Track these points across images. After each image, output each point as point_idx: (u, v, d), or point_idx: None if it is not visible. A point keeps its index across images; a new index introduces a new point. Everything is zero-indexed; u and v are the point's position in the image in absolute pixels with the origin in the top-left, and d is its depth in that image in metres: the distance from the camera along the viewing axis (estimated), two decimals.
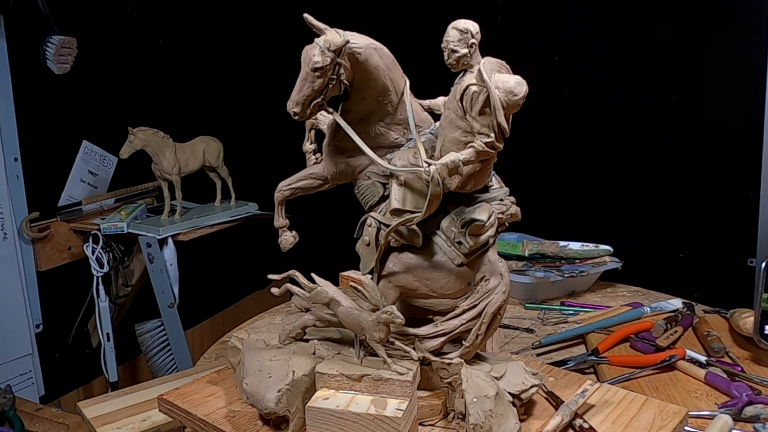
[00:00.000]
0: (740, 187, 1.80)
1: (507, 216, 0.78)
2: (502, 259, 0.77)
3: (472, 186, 0.75)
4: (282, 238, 0.92)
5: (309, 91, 0.73)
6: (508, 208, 0.78)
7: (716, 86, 1.85)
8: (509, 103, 0.69)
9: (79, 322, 2.03)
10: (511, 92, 0.69)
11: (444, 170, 0.70)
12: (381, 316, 0.73)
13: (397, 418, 0.70)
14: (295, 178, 0.88)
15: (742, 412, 0.87)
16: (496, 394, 0.72)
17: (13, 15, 1.75)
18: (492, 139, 0.70)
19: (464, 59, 0.72)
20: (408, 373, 0.74)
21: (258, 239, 2.62)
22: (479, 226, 0.74)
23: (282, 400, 0.75)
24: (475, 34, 0.73)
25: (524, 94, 0.70)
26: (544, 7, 2.14)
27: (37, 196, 1.87)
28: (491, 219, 0.75)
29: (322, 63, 0.71)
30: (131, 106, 2.10)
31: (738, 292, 1.78)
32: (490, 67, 0.71)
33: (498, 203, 0.77)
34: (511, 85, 0.69)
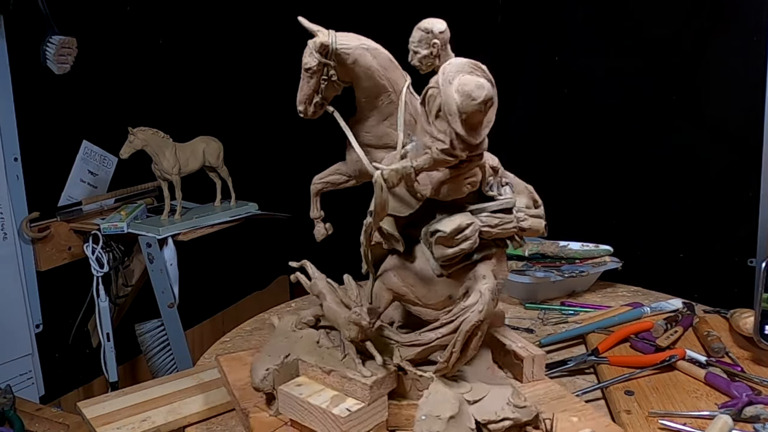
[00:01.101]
0: (740, 187, 1.80)
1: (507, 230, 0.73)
2: (490, 278, 0.72)
3: (447, 193, 0.72)
4: (316, 228, 0.93)
5: (307, 90, 0.75)
6: (508, 222, 0.73)
7: (716, 86, 1.85)
8: (467, 107, 0.63)
9: (79, 322, 2.03)
10: (469, 96, 0.63)
11: (394, 176, 0.67)
12: (351, 316, 0.74)
13: (342, 417, 0.71)
14: (326, 173, 0.91)
15: (742, 412, 0.87)
16: (450, 417, 0.69)
17: (13, 15, 1.75)
18: (447, 146, 0.65)
19: (427, 60, 0.70)
20: (370, 378, 0.73)
21: (258, 239, 2.63)
22: (444, 237, 0.70)
23: (268, 379, 0.80)
24: (438, 34, 0.70)
25: (484, 98, 0.63)
26: (544, 7, 2.14)
27: (37, 196, 1.87)
28: (466, 231, 0.70)
29: (309, 64, 0.73)
30: (131, 106, 2.10)
31: (738, 292, 1.78)
32: (456, 68, 0.65)
33: (488, 215, 0.73)
34: (469, 88, 0.63)
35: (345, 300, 0.81)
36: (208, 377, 1.02)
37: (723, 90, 1.84)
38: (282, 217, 2.17)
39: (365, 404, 0.73)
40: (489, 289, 0.71)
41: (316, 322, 0.87)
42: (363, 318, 0.72)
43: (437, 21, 0.71)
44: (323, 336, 0.84)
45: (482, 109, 0.64)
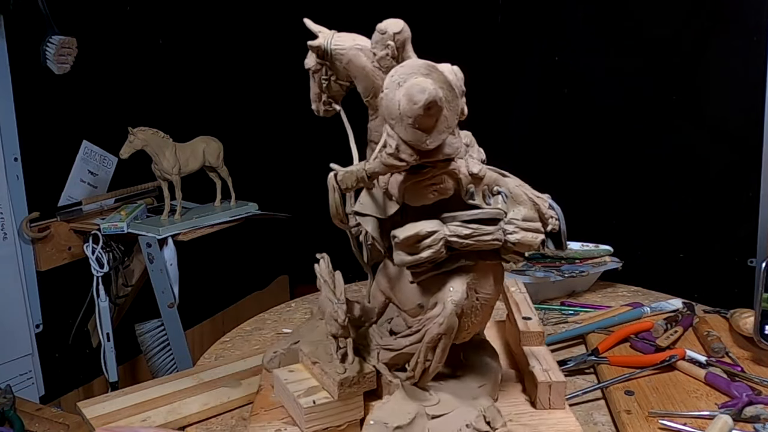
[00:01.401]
0: (740, 187, 1.80)
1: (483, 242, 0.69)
2: (458, 291, 0.69)
3: (411, 199, 0.69)
4: None
5: (315, 89, 0.77)
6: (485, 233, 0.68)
7: (716, 86, 1.86)
8: (409, 111, 0.60)
9: (79, 322, 2.03)
10: (411, 100, 0.60)
11: (349, 178, 0.67)
12: (330, 312, 0.75)
13: (304, 408, 0.73)
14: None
15: (742, 412, 0.87)
16: (396, 427, 0.68)
17: (13, 15, 1.75)
18: (393, 150, 0.63)
19: (384, 61, 0.68)
20: (341, 375, 0.74)
21: (258, 239, 2.63)
22: (400, 243, 0.67)
23: (273, 360, 0.84)
24: (393, 35, 0.68)
25: (424, 102, 0.60)
26: (544, 7, 2.14)
27: (37, 196, 1.87)
28: (427, 240, 0.67)
29: (308, 65, 0.75)
30: (131, 106, 2.10)
31: (738, 292, 1.78)
32: (408, 70, 0.62)
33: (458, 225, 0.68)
34: (411, 92, 0.60)
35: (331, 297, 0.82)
36: (208, 377, 1.02)
37: (723, 90, 1.84)
38: (282, 217, 2.17)
39: (333, 399, 0.74)
40: (453, 302, 0.68)
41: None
42: (338, 316, 0.74)
43: (394, 21, 0.69)
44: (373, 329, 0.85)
45: (425, 113, 0.60)
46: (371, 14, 0.71)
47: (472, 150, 0.77)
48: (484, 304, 0.73)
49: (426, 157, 0.64)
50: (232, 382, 1.00)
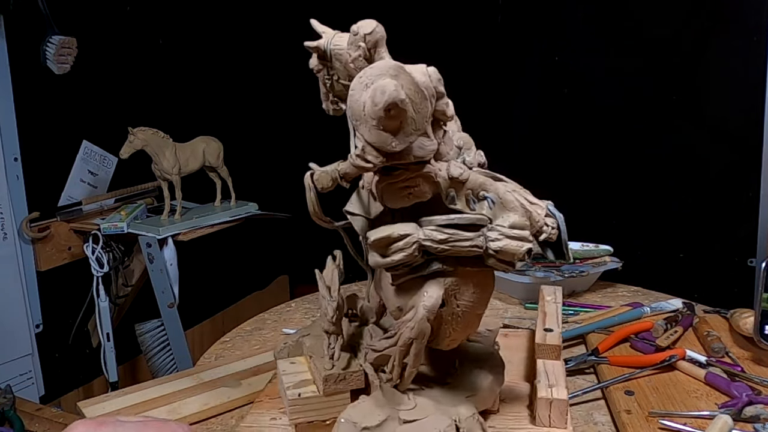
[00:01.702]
0: (740, 187, 1.80)
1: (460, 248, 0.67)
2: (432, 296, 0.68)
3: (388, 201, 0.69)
4: None
5: (322, 89, 0.77)
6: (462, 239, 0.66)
7: (716, 86, 1.86)
8: (372, 113, 0.60)
9: (79, 322, 2.03)
10: (372, 101, 0.59)
11: (324, 178, 0.67)
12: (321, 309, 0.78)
13: (289, 399, 0.77)
14: None
15: (742, 412, 0.87)
16: (364, 428, 0.68)
17: (13, 15, 1.75)
18: (359, 152, 0.62)
19: (357, 62, 0.67)
20: (327, 371, 0.77)
21: (258, 239, 2.63)
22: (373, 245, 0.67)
23: (283, 351, 0.87)
24: (365, 36, 0.67)
25: (384, 104, 0.59)
26: (544, 7, 2.14)
27: (37, 196, 1.87)
28: (400, 243, 0.66)
29: (311, 65, 0.75)
30: (131, 106, 2.10)
31: (738, 292, 1.78)
32: (377, 71, 0.61)
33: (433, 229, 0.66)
34: (374, 93, 0.59)
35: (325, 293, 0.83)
36: (208, 377, 1.02)
37: (723, 90, 1.84)
38: (282, 217, 2.17)
39: (319, 394, 0.77)
40: (425, 307, 0.66)
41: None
42: (328, 312, 0.77)
43: (366, 22, 0.68)
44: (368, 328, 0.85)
45: (386, 115, 0.59)
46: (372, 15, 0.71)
47: (469, 153, 0.76)
48: (466, 312, 0.71)
49: (394, 159, 0.63)
50: (232, 382, 1.00)
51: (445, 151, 0.71)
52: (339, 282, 0.82)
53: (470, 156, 0.75)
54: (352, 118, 0.62)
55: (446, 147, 0.72)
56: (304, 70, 0.78)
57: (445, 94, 0.67)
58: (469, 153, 0.75)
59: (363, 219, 0.75)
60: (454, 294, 0.70)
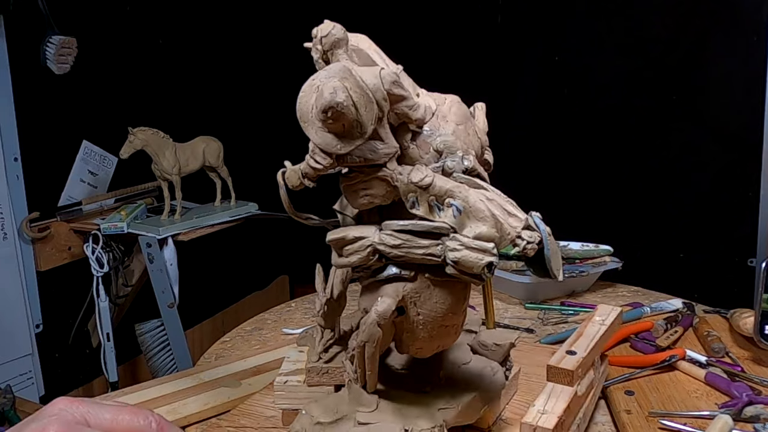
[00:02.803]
0: (740, 187, 1.80)
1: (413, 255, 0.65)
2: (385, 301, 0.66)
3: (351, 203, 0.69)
4: None
5: None
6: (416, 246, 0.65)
7: (716, 86, 1.85)
8: (315, 116, 0.60)
9: (79, 322, 2.03)
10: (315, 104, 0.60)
11: (293, 176, 0.67)
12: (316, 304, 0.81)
13: (276, 386, 0.83)
14: None
15: (742, 412, 0.87)
16: (317, 423, 0.68)
17: (13, 15, 1.75)
18: (310, 153, 0.63)
19: (318, 64, 0.68)
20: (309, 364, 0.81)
21: (258, 239, 2.63)
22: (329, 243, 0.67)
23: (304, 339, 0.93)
24: (322, 37, 0.66)
25: (321, 106, 0.59)
26: (544, 7, 2.14)
27: (37, 196, 1.87)
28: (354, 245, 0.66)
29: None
30: (131, 106, 2.10)
31: (738, 292, 1.78)
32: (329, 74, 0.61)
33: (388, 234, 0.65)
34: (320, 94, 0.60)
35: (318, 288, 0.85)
36: (208, 377, 1.02)
37: (723, 90, 1.84)
38: (282, 217, 2.17)
39: (302, 384, 0.82)
40: (375, 312, 0.65)
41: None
42: (316, 306, 0.80)
43: (325, 24, 0.67)
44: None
45: (324, 118, 0.59)
46: (372, 15, 0.71)
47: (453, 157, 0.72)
48: (429, 321, 0.68)
49: (345, 161, 0.63)
50: (232, 382, 1.00)
51: (417, 155, 0.69)
52: (344, 278, 0.81)
53: (454, 161, 0.72)
54: (299, 119, 0.61)
55: (419, 150, 0.69)
56: (304, 70, 0.78)
57: (406, 97, 0.65)
58: (454, 158, 0.72)
59: (349, 218, 0.75)
60: (414, 301, 0.67)
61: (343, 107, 0.59)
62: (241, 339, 1.22)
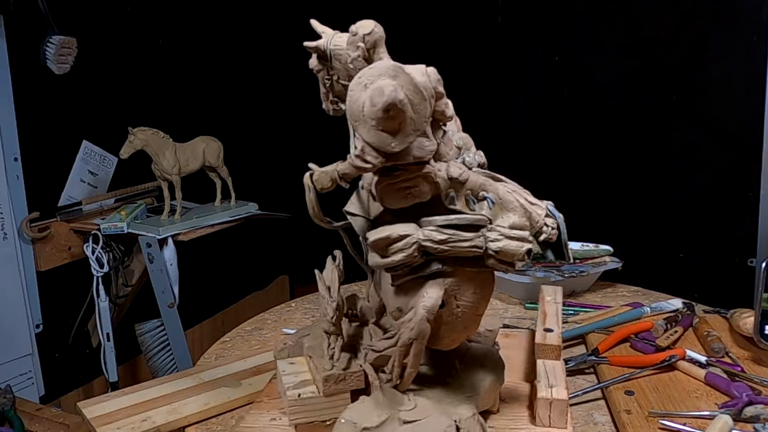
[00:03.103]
0: (740, 187, 1.80)
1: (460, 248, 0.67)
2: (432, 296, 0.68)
3: (387, 202, 0.69)
4: None
5: (322, 89, 0.77)
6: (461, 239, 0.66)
7: (716, 86, 1.85)
8: (371, 113, 0.60)
9: (79, 322, 2.03)
10: (371, 102, 0.60)
11: (324, 178, 0.67)
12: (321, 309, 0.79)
13: (290, 400, 0.77)
14: None
15: (742, 412, 0.87)
16: (364, 428, 0.68)
17: (13, 15, 1.75)
18: (359, 152, 0.62)
19: (356, 62, 0.68)
20: (326, 371, 0.76)
21: (258, 239, 2.63)
22: (372, 245, 0.67)
23: (283, 351, 0.87)
24: (364, 36, 0.67)
25: (382, 105, 0.59)
26: (544, 7, 2.14)
27: (37, 196, 1.87)
28: (399, 243, 0.66)
29: (311, 65, 0.75)
30: (131, 106, 2.10)
31: (738, 292, 1.78)
32: (376, 72, 0.62)
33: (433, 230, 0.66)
34: (372, 94, 0.60)
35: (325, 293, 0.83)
36: (208, 377, 1.02)
37: (723, 90, 1.84)
38: (282, 217, 2.17)
39: (319, 395, 0.76)
40: (424, 308, 0.66)
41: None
42: (327, 312, 0.77)
43: (365, 22, 0.68)
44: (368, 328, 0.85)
45: (385, 116, 0.59)
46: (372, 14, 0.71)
47: (468, 153, 0.76)
48: (466, 312, 0.71)
49: (394, 159, 0.63)
50: (232, 382, 1.00)
51: (444, 152, 0.71)
52: (339, 282, 0.82)
53: (470, 156, 0.75)
54: (350, 119, 0.62)
55: (446, 147, 0.72)
56: (304, 70, 0.78)
57: (444, 95, 0.67)
58: (469, 153, 0.76)
59: (363, 219, 0.75)
60: (454, 294, 0.69)
61: (403, 105, 0.60)
62: (241, 339, 1.22)
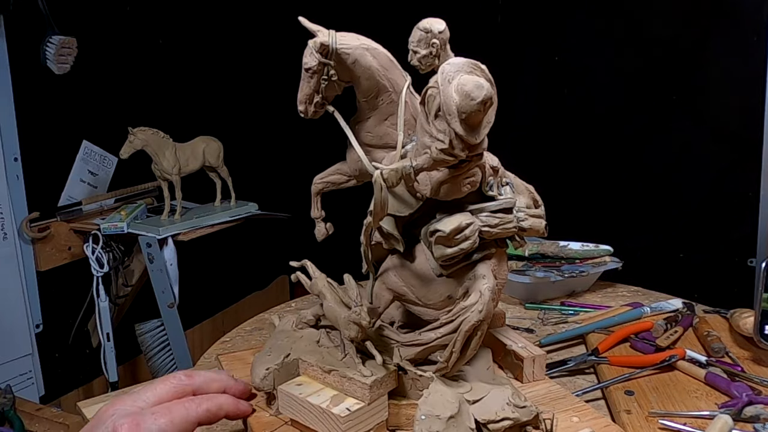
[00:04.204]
0: (740, 187, 1.80)
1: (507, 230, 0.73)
2: (490, 277, 0.72)
3: (446, 193, 0.71)
4: (316, 228, 0.93)
5: (308, 90, 0.75)
6: (508, 221, 0.73)
7: (716, 86, 1.85)
8: (466, 107, 0.62)
9: (79, 322, 2.03)
10: (468, 96, 0.62)
11: (394, 176, 0.67)
12: (351, 315, 0.73)
13: (341, 417, 0.71)
14: (327, 173, 0.90)
15: (742, 412, 0.87)
16: (449, 417, 0.68)
17: (13, 15, 1.75)
18: (446, 146, 0.65)
19: (426, 60, 0.70)
20: (369, 377, 0.73)
21: (258, 239, 2.63)
22: (444, 237, 0.70)
23: (268, 378, 0.79)
24: (437, 34, 0.70)
25: (483, 98, 0.62)
26: (544, 7, 2.14)
27: (37, 196, 1.87)
28: (466, 231, 0.70)
29: (309, 64, 0.73)
30: (131, 106, 2.10)
31: (738, 292, 1.78)
32: (456, 68, 0.65)
33: (488, 215, 0.72)
34: (468, 88, 0.62)
35: (345, 299, 0.80)
36: None
37: (723, 90, 1.84)
38: (282, 217, 2.17)
39: (365, 404, 0.72)
40: (489, 289, 0.70)
41: (317, 322, 0.87)
42: (363, 318, 0.72)
43: (436, 21, 0.70)
44: (324, 336, 0.84)
45: (481, 109, 0.63)
46: (372, 14, 0.71)
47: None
48: (500, 288, 0.76)
49: (472, 151, 0.67)
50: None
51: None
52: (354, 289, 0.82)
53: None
54: (445, 113, 0.63)
55: None
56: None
57: None
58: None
59: (392, 219, 0.76)
60: (495, 273, 0.74)
61: (494, 99, 0.64)
62: (241, 339, 1.21)
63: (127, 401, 0.65)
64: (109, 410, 0.64)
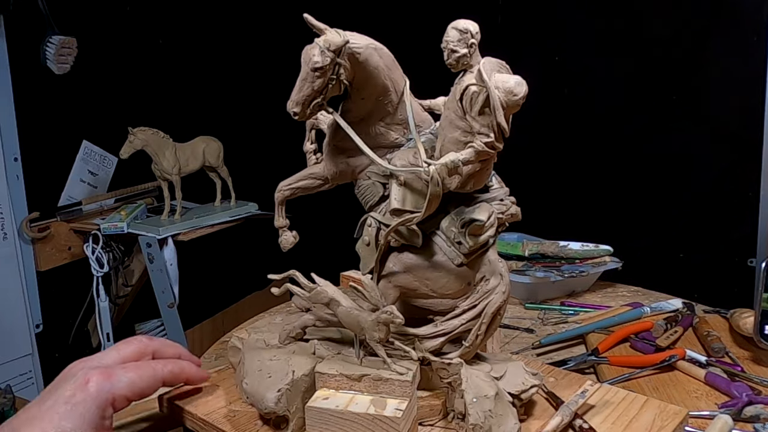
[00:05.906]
0: (740, 187, 1.80)
1: (507, 216, 0.78)
2: (502, 260, 0.77)
3: (472, 186, 0.74)
4: (282, 238, 0.92)
5: (309, 91, 0.73)
6: (507, 208, 0.78)
7: (716, 86, 1.85)
8: (509, 103, 0.69)
9: (79, 322, 2.03)
10: (511, 92, 0.69)
11: (443, 170, 0.70)
12: (381, 316, 0.72)
13: (396, 418, 0.70)
14: (295, 178, 0.88)
15: (742, 412, 0.87)
16: (495, 394, 0.71)
17: (13, 15, 1.75)
18: (491, 139, 0.70)
19: (464, 59, 0.73)
20: (408, 373, 0.73)
21: (258, 239, 2.62)
22: (479, 227, 0.74)
23: (282, 400, 0.75)
24: (474, 34, 0.74)
25: (524, 94, 0.70)
26: (544, 7, 2.14)
27: (37, 196, 1.87)
28: (491, 219, 0.75)
29: (321, 63, 0.71)
30: (131, 106, 2.10)
31: (738, 292, 1.78)
32: (490, 67, 0.72)
33: (498, 203, 0.77)
34: (510, 85, 0.70)
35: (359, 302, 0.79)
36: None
37: (723, 90, 1.84)
38: None
39: (408, 401, 0.73)
40: (506, 270, 0.76)
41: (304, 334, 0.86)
42: (396, 317, 0.72)
43: (469, 22, 0.75)
44: (319, 346, 0.82)
45: (520, 104, 0.70)
46: (372, 14, 0.71)
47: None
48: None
49: (503, 143, 0.72)
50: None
51: None
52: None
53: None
54: (493, 109, 0.69)
55: None
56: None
57: None
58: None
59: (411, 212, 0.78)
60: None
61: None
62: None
63: (94, 359, 0.71)
64: (78, 365, 0.71)
